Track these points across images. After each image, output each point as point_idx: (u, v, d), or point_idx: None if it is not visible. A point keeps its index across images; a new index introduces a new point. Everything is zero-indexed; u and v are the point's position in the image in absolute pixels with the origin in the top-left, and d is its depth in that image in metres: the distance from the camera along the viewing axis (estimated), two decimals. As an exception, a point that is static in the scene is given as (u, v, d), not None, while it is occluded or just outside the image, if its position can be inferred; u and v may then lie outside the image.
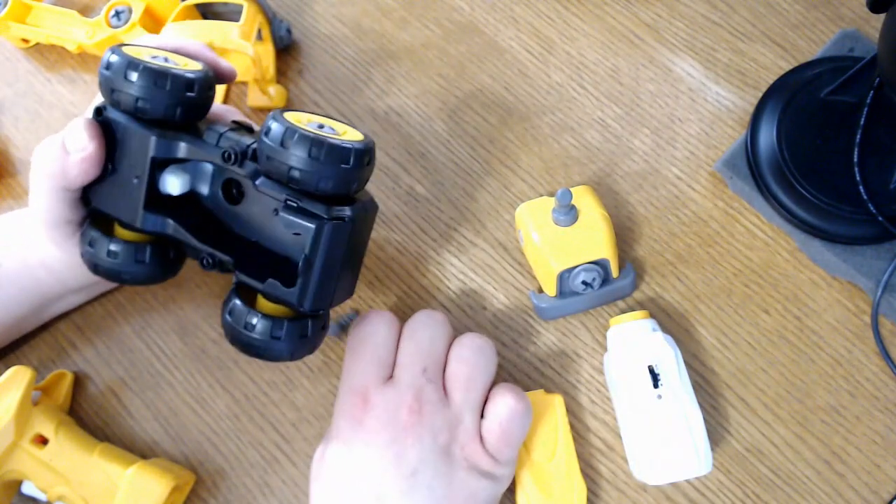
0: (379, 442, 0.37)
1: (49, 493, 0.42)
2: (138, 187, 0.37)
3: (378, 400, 0.38)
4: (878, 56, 0.41)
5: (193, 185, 0.38)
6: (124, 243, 0.38)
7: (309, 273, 0.36)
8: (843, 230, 0.45)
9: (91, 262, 0.39)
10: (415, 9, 0.55)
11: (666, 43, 0.52)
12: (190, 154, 0.37)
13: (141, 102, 0.36)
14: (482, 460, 0.38)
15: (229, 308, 0.37)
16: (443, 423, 0.38)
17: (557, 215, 0.43)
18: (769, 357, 0.45)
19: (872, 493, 0.42)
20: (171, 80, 0.36)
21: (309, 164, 0.33)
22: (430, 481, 0.37)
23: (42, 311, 0.46)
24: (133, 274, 0.39)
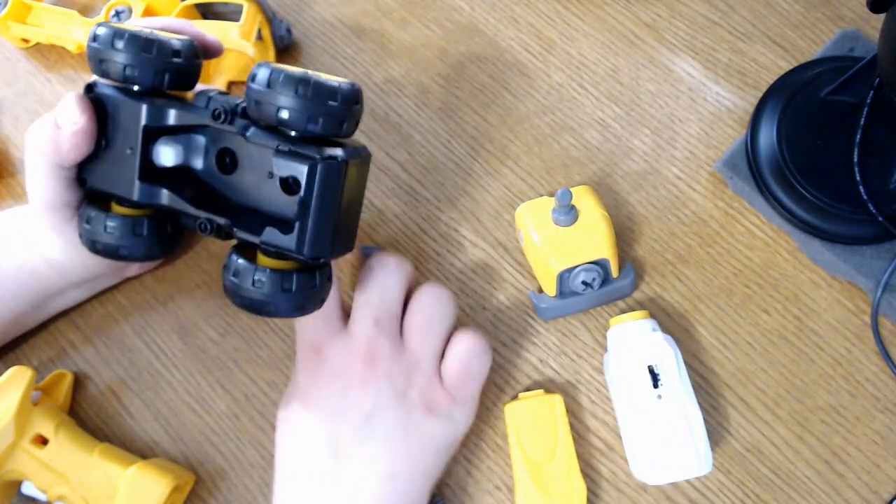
0: (332, 391, 0.38)
1: (49, 493, 0.42)
2: (132, 159, 0.38)
3: (331, 352, 0.39)
4: (878, 56, 0.41)
5: (187, 159, 0.39)
6: (121, 217, 0.39)
7: (305, 216, 0.35)
8: (843, 230, 0.45)
9: (89, 240, 0.39)
10: (415, 9, 0.55)
11: (666, 43, 0.52)
12: (181, 119, 0.38)
13: (129, 70, 0.36)
14: (441, 401, 0.39)
15: (233, 269, 0.37)
16: (398, 370, 0.39)
17: (557, 215, 0.43)
18: (769, 357, 0.45)
19: (872, 493, 0.42)
20: (158, 46, 0.37)
21: (296, 102, 0.34)
22: (385, 425, 0.38)
23: (42, 307, 0.46)
24: (131, 248, 0.39)
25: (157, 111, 0.37)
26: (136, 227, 0.39)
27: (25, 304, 0.44)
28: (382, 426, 0.38)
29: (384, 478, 0.37)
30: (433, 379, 0.39)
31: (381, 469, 0.37)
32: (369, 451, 0.37)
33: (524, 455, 0.42)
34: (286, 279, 0.36)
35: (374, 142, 0.52)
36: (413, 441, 0.38)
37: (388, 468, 0.37)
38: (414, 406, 0.38)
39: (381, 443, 0.38)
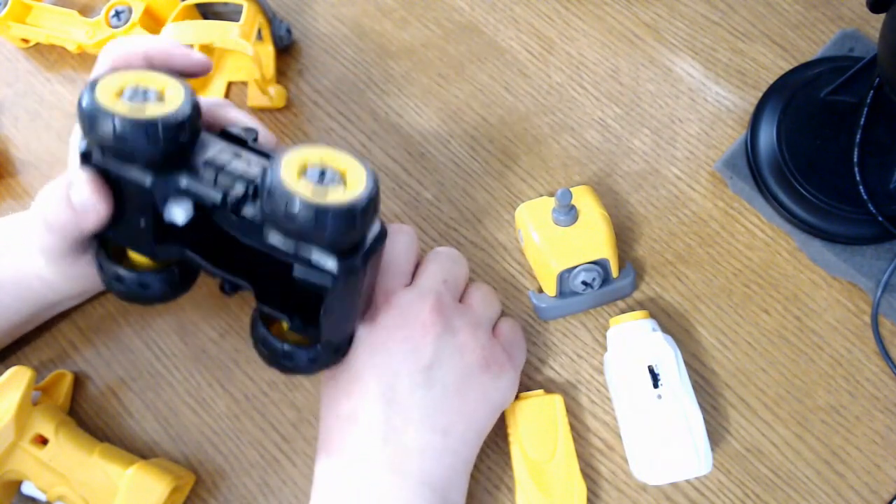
0: (396, 337, 0.38)
1: (49, 493, 0.42)
2: (146, 227, 0.36)
3: (400, 300, 0.39)
4: (878, 56, 0.41)
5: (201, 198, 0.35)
6: (128, 271, 0.38)
7: (329, 317, 0.36)
8: (843, 230, 0.45)
9: (108, 286, 0.39)
10: (415, 9, 0.55)
11: (666, 43, 0.52)
12: (189, 189, 0.34)
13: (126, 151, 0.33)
14: (499, 359, 0.40)
15: (261, 339, 0.38)
16: (462, 324, 0.39)
17: (557, 215, 0.43)
18: (769, 357, 0.45)
19: (872, 493, 0.42)
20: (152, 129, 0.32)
21: (314, 229, 0.31)
22: (444, 379, 0.38)
23: (37, 317, 0.46)
24: (141, 298, 0.39)
25: (165, 184, 0.34)
26: (143, 279, 0.38)
27: (22, 315, 0.44)
28: (441, 379, 0.38)
29: (437, 431, 0.37)
30: (493, 338, 0.41)
31: (435, 422, 0.37)
32: (426, 402, 0.37)
33: (524, 455, 0.42)
34: (311, 353, 0.38)
35: (374, 142, 0.52)
36: (470, 397, 0.38)
37: (442, 422, 0.37)
38: (474, 362, 0.39)
39: (438, 396, 0.38)
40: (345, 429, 0.38)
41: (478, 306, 0.42)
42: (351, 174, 0.33)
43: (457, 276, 0.42)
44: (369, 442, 0.37)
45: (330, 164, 0.33)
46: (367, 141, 0.52)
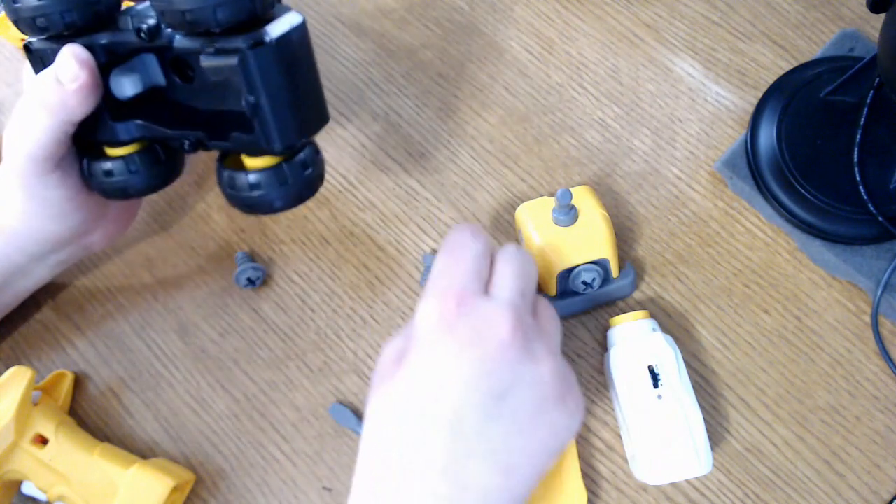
0: (472, 355, 0.33)
1: (49, 493, 0.42)
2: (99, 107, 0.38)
3: (476, 307, 0.34)
4: (878, 56, 0.41)
5: (148, 80, 0.38)
6: (116, 160, 0.40)
7: (259, 112, 0.35)
8: (843, 230, 0.45)
9: (100, 189, 0.41)
10: (415, 9, 0.55)
11: (666, 43, 0.52)
12: (112, 46, 0.37)
13: (40, 21, 0.36)
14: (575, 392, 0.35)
15: (226, 181, 0.38)
16: (541, 348, 0.34)
17: (557, 215, 0.43)
18: (769, 357, 0.45)
19: (872, 493, 0.42)
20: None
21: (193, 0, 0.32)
22: (516, 411, 0.33)
23: (6, 287, 0.45)
24: (136, 184, 0.40)
25: (92, 48, 0.37)
26: (131, 165, 0.40)
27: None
28: (513, 411, 0.33)
29: (500, 471, 0.33)
30: (570, 368, 0.35)
31: (500, 459, 0.33)
32: (494, 436, 0.32)
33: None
34: (279, 174, 0.36)
35: (374, 142, 0.52)
36: (540, 434, 0.33)
37: (507, 460, 0.33)
38: (550, 395, 0.34)
39: (507, 430, 0.33)
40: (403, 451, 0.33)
41: (549, 325, 0.36)
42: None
43: (532, 287, 0.37)
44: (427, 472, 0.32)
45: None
46: (367, 141, 0.52)
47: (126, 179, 0.40)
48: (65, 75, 0.37)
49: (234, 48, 0.33)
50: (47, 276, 0.46)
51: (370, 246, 0.49)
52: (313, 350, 0.47)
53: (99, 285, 0.50)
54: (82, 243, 0.45)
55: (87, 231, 0.44)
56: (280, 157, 0.37)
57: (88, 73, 0.37)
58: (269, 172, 0.37)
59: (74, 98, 0.37)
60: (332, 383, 0.46)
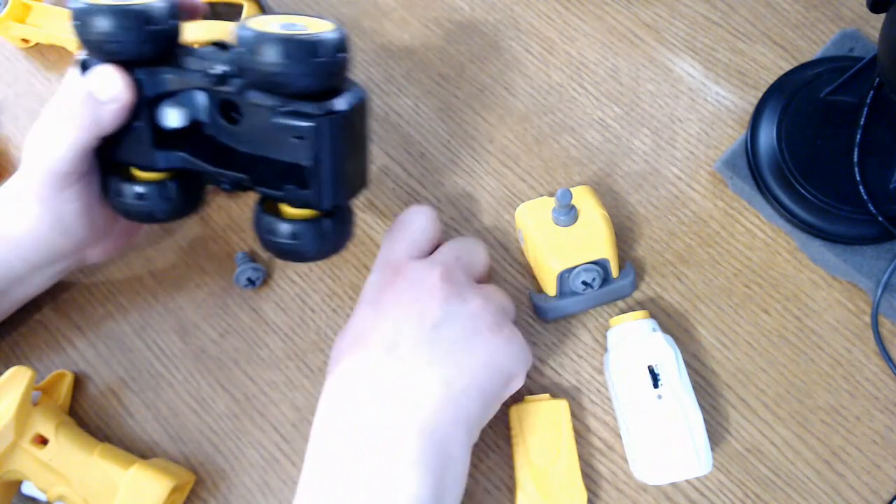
0: (403, 301, 0.38)
1: (49, 493, 0.42)
2: (143, 130, 0.38)
3: (410, 270, 0.39)
4: (878, 56, 0.41)
5: (193, 115, 0.39)
6: (150, 185, 0.40)
7: (319, 172, 0.37)
8: (843, 230, 0.45)
9: (123, 210, 0.41)
10: (415, 9, 0.55)
11: (666, 43, 0.52)
12: (178, 85, 0.38)
13: (111, 46, 0.37)
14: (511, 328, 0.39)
15: (266, 227, 0.39)
16: (472, 295, 0.39)
17: (557, 215, 0.43)
18: (769, 357, 0.45)
19: (872, 493, 0.42)
20: (135, 15, 0.37)
21: (283, 64, 0.34)
22: (451, 335, 0.37)
23: (4, 295, 0.44)
24: (165, 211, 0.41)
25: (154, 81, 0.38)
26: (165, 192, 0.40)
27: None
28: (447, 337, 0.37)
29: (437, 381, 0.36)
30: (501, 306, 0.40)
31: (436, 372, 0.37)
32: (428, 355, 0.37)
33: (527, 458, 0.42)
34: (320, 227, 0.38)
35: (374, 142, 0.52)
36: (476, 354, 0.37)
37: (443, 373, 0.37)
38: (483, 325, 0.38)
39: (442, 351, 0.37)
40: (343, 385, 0.38)
41: (493, 292, 0.41)
42: (317, 25, 0.36)
43: (472, 259, 0.42)
44: (367, 394, 0.36)
45: (296, 21, 0.36)
46: (367, 141, 0.52)
47: (156, 205, 0.40)
48: (105, 93, 0.37)
49: (307, 112, 0.35)
50: (44, 285, 0.46)
51: (370, 246, 0.49)
52: (313, 350, 0.47)
53: (99, 285, 0.50)
54: (81, 256, 0.45)
55: (89, 244, 0.44)
56: (322, 212, 0.39)
57: (130, 94, 0.38)
58: (310, 225, 0.39)
59: (110, 116, 0.38)
60: (332, 383, 0.46)
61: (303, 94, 0.36)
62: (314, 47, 0.34)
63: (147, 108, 0.38)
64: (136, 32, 0.37)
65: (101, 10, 0.36)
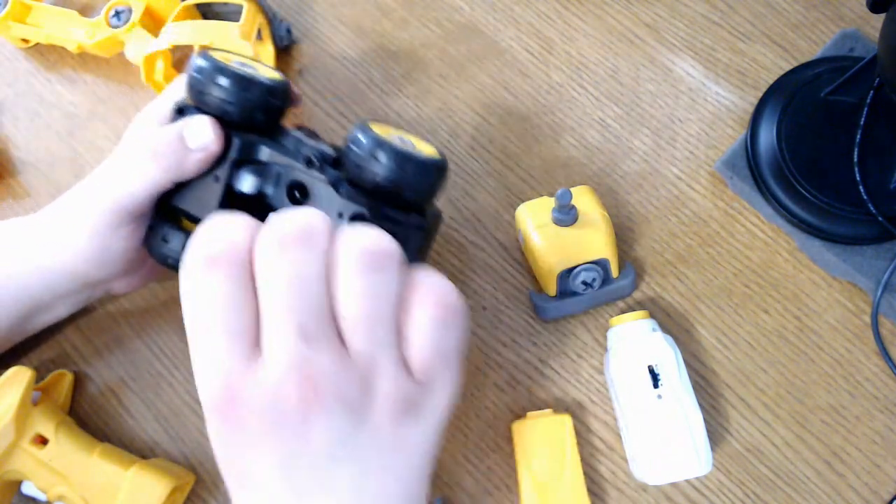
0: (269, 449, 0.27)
1: (49, 493, 0.42)
2: (216, 187, 0.38)
3: (251, 393, 0.27)
4: (878, 56, 0.41)
5: (263, 185, 0.39)
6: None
7: None
8: (843, 230, 0.45)
9: (161, 256, 0.40)
10: (415, 9, 0.55)
11: (666, 43, 0.52)
12: (271, 158, 0.38)
13: (227, 105, 0.38)
14: (414, 396, 0.29)
15: None
16: (349, 385, 0.27)
17: (557, 215, 0.43)
18: (769, 357, 0.45)
19: (872, 493, 0.42)
20: (258, 86, 0.38)
21: (398, 176, 0.35)
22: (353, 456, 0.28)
23: (28, 320, 0.45)
24: None
25: (249, 146, 0.38)
26: None
27: (12, 317, 0.43)
28: (350, 457, 0.28)
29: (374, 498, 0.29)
30: (397, 374, 0.28)
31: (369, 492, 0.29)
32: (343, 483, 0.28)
33: (531, 475, 0.41)
34: None
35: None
36: (395, 459, 0.29)
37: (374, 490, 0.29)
38: (383, 420, 0.28)
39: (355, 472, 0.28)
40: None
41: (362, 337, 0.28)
42: (422, 145, 0.37)
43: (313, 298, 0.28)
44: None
45: (408, 137, 0.37)
46: (367, 141, 0.52)
47: None
48: (196, 141, 0.37)
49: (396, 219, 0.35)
50: (67, 312, 0.46)
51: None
52: (313, 350, 0.47)
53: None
54: (108, 287, 0.45)
55: (117, 279, 0.44)
56: None
57: (219, 147, 0.38)
58: None
59: (193, 164, 0.38)
60: (332, 383, 0.46)
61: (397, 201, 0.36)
62: (430, 169, 0.36)
63: (230, 168, 0.38)
64: (254, 102, 0.38)
65: (230, 72, 0.38)
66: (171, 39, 0.49)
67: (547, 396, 0.45)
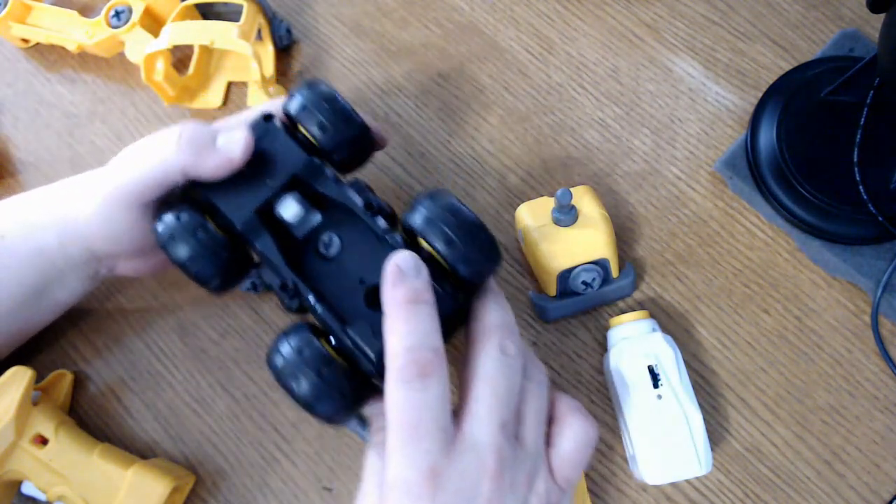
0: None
1: (49, 493, 0.42)
2: (262, 192, 0.38)
3: (452, 476, 0.31)
4: (878, 56, 0.41)
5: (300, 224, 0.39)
6: (217, 232, 0.38)
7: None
8: (843, 230, 0.45)
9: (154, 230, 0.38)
10: (415, 9, 0.55)
11: (666, 43, 0.52)
12: (331, 191, 0.38)
13: (319, 132, 0.39)
14: (555, 496, 0.34)
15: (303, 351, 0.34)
16: (522, 476, 0.33)
17: (557, 215, 0.43)
18: (769, 357, 0.45)
19: (872, 493, 0.42)
20: (358, 121, 0.40)
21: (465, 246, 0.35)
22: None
23: (43, 296, 0.44)
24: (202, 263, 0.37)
25: (314, 169, 0.38)
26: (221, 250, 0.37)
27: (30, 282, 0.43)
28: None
29: None
30: (548, 476, 0.34)
31: None
32: None
33: None
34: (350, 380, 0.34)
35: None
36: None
37: None
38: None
39: None
40: None
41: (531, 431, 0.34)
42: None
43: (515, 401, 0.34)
44: None
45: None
46: (367, 141, 0.52)
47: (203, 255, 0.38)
48: (226, 143, 0.38)
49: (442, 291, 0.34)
50: (76, 290, 0.45)
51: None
52: (313, 350, 0.47)
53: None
54: (113, 264, 0.45)
55: (123, 258, 0.44)
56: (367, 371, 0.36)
57: (244, 159, 0.38)
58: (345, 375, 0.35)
59: (213, 164, 0.37)
60: (332, 383, 0.46)
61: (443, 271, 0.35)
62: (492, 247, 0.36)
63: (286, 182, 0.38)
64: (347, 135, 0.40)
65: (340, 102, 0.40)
66: (171, 39, 0.49)
67: (547, 396, 0.45)
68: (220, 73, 0.55)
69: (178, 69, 0.54)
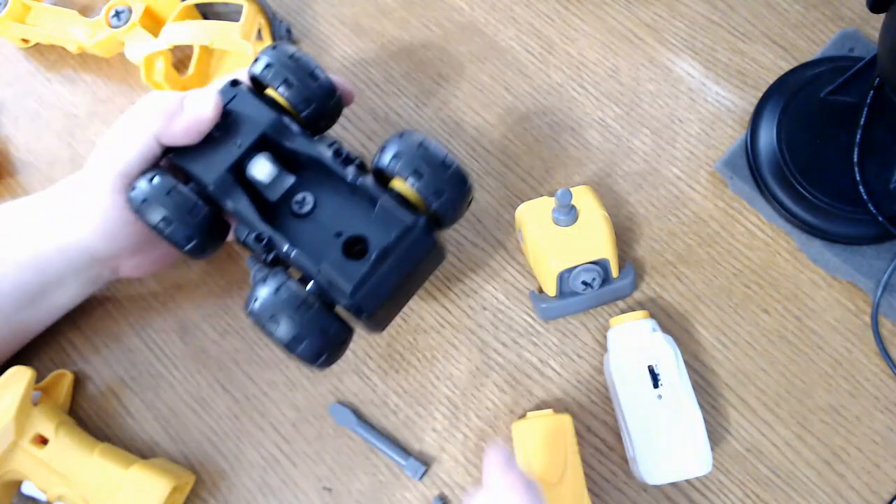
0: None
1: (49, 493, 0.42)
2: (233, 152, 0.39)
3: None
4: (878, 56, 0.41)
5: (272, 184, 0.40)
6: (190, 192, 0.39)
7: (378, 265, 0.36)
8: (843, 230, 0.45)
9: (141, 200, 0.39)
10: (415, 9, 0.55)
11: (666, 43, 0.52)
12: (300, 145, 0.39)
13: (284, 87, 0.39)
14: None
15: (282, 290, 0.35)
16: None
17: (557, 215, 0.43)
18: (769, 357, 0.45)
19: (872, 493, 0.42)
20: (321, 81, 0.40)
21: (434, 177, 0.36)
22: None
23: (43, 297, 0.44)
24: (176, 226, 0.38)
25: (283, 127, 0.39)
26: (196, 209, 0.38)
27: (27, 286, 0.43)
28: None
29: None
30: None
31: None
32: None
33: (531, 475, 0.41)
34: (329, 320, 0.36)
35: (375, 141, 0.52)
36: None
37: None
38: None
39: None
40: None
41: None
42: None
43: None
44: None
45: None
46: (366, 141, 0.52)
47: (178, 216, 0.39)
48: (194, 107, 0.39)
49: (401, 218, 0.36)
50: (77, 293, 0.46)
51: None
52: (313, 350, 0.47)
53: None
54: (116, 265, 0.45)
55: (125, 256, 0.44)
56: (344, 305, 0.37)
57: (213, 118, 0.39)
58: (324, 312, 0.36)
59: (182, 126, 0.39)
60: (332, 383, 0.46)
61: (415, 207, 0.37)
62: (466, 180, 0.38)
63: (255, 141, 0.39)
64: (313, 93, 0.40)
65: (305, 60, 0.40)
66: (171, 39, 0.49)
67: (547, 396, 0.45)
68: (220, 73, 0.55)
69: (178, 69, 0.54)
